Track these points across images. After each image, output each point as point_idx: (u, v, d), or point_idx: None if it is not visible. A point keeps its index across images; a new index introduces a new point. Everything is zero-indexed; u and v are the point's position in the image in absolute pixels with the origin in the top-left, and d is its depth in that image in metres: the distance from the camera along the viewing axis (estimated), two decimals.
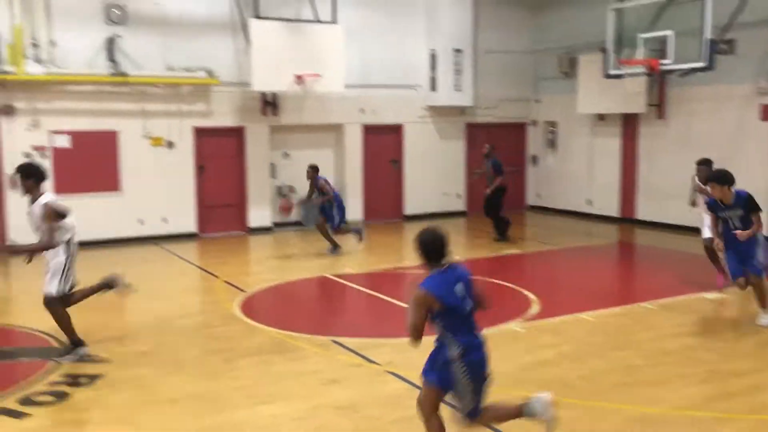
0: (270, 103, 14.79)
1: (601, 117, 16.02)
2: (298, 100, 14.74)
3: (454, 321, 4.14)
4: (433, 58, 16.25)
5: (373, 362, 6.60)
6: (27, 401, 5.69)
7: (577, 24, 16.09)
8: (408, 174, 16.57)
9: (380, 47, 15.70)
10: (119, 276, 7.23)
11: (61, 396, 5.82)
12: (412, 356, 6.81)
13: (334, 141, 16.01)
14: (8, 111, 12.53)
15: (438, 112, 16.70)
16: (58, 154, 13.02)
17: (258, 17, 13.70)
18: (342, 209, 12.46)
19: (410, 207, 16.58)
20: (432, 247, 4.16)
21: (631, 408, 5.51)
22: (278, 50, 13.54)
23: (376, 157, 16.25)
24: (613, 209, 15.95)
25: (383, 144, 16.32)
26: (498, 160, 13.58)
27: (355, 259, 12.07)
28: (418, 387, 5.90)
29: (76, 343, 6.81)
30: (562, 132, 17.31)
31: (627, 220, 15.60)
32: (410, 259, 11.95)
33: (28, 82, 12.43)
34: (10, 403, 5.63)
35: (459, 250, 12.48)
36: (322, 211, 12.31)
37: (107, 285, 7.19)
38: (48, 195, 6.76)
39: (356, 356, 6.78)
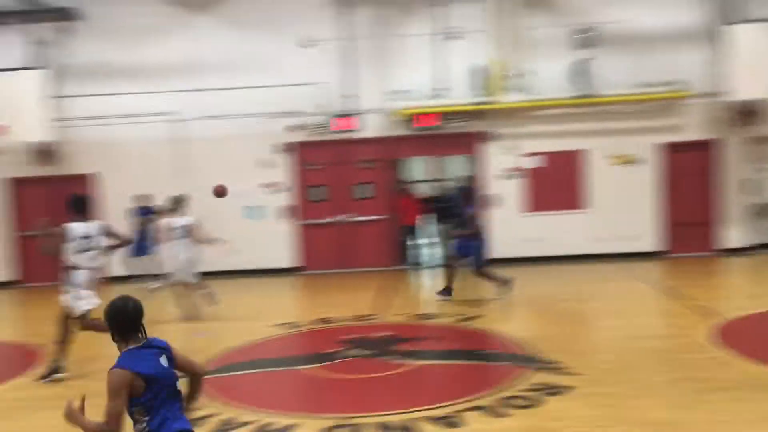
0: (747, 113, 13.47)
1: None
2: None
3: (159, 396, 3.48)
4: None
5: None
6: (504, 403, 6.21)
7: None
8: None
9: None
10: None
11: (534, 402, 6.20)
12: None
13: None
14: (494, 137, 13.97)
15: None
16: (532, 174, 14.02)
17: (733, 22, 12.64)
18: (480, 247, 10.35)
19: None
20: (121, 320, 3.54)
21: None
22: (760, 55, 12.27)
23: None
24: None
25: None
26: None
27: None
28: None
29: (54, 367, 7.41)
30: None
31: None
32: None
33: (506, 110, 13.71)
34: (490, 402, 6.22)
35: None
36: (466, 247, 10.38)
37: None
38: None
39: None
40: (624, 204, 13.84)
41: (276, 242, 14.29)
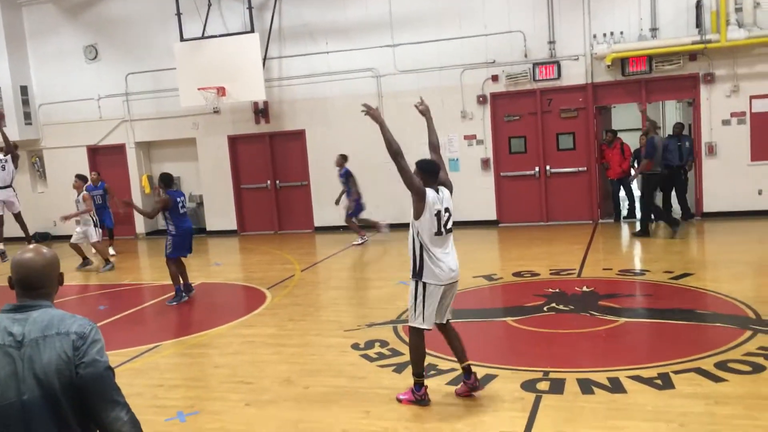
0: None
1: None
2: None
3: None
4: None
5: None
6: (722, 366, 5.72)
7: None
8: None
9: None
10: None
11: (754, 368, 5.65)
12: None
13: None
14: (714, 79, 12.68)
15: None
16: (756, 119, 12.61)
17: None
18: None
19: None
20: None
21: None
22: None
23: None
24: None
25: None
26: (654, 139, 11.58)
27: None
28: None
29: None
30: None
31: None
32: None
33: (729, 49, 12.37)
34: (706, 365, 5.77)
35: None
36: None
37: None
38: None
39: None
40: None
41: (474, 195, 14.23)
